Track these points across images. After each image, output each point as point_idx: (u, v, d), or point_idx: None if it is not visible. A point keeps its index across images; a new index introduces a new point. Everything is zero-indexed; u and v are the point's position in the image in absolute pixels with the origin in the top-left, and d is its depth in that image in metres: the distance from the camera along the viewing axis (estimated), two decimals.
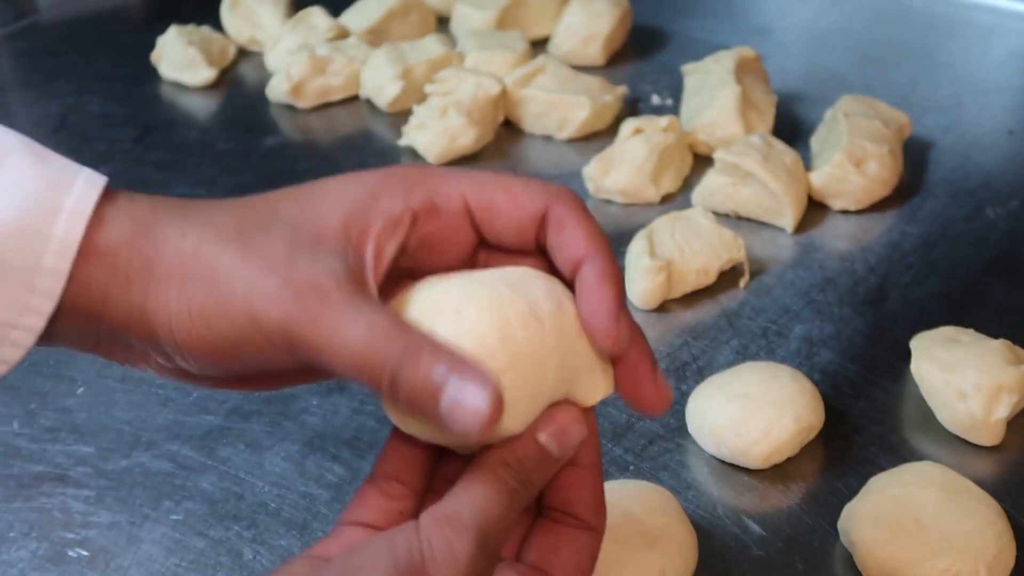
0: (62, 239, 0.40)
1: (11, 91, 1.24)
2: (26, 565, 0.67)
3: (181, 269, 0.41)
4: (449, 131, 1.03)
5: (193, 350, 0.41)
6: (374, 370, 0.38)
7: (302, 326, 0.39)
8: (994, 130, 1.10)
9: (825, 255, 0.92)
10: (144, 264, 0.42)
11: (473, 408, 0.37)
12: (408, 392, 0.38)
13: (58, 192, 0.41)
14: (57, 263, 0.41)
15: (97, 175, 0.43)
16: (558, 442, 0.41)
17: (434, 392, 0.38)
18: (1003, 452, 0.73)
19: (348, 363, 0.39)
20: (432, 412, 0.38)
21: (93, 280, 0.42)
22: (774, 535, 0.67)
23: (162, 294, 0.41)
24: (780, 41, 1.29)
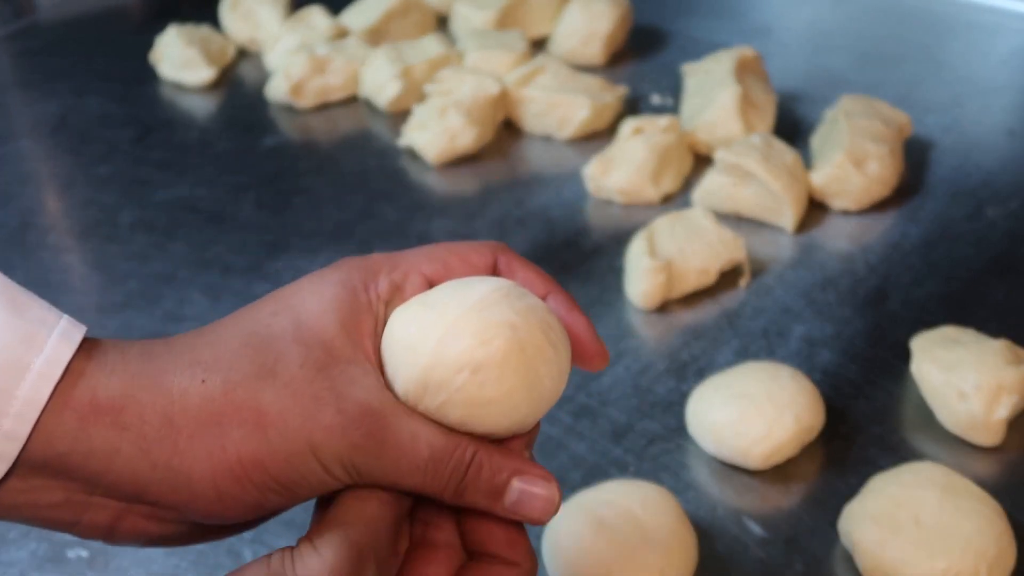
0: (26, 400, 0.37)
1: (11, 91, 1.24)
2: (26, 565, 0.66)
3: (216, 418, 0.39)
4: (449, 131, 1.03)
5: (237, 499, 0.39)
6: (440, 483, 0.41)
7: (369, 455, 0.40)
8: (994, 130, 1.10)
9: (825, 255, 0.92)
10: (162, 419, 0.39)
11: (545, 498, 0.42)
12: (473, 499, 0.42)
13: (29, 349, 0.37)
14: (16, 427, 0.37)
15: (75, 327, 0.39)
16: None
17: (499, 492, 0.42)
18: (1003, 452, 0.73)
19: (417, 483, 0.41)
20: (497, 508, 0.42)
21: (96, 441, 0.38)
22: (774, 535, 0.67)
23: (198, 447, 0.39)
24: (780, 41, 1.29)
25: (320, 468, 0.40)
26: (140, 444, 0.39)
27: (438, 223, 0.98)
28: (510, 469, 0.42)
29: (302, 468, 0.39)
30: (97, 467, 0.38)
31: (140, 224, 0.99)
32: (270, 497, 0.40)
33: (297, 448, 0.39)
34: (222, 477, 0.39)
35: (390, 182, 1.04)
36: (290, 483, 0.40)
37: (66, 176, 1.07)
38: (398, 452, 0.40)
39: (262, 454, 0.39)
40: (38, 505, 0.39)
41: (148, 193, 1.03)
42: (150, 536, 0.41)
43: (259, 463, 0.39)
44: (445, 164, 1.05)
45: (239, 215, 0.99)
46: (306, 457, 0.39)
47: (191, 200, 1.02)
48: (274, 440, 0.39)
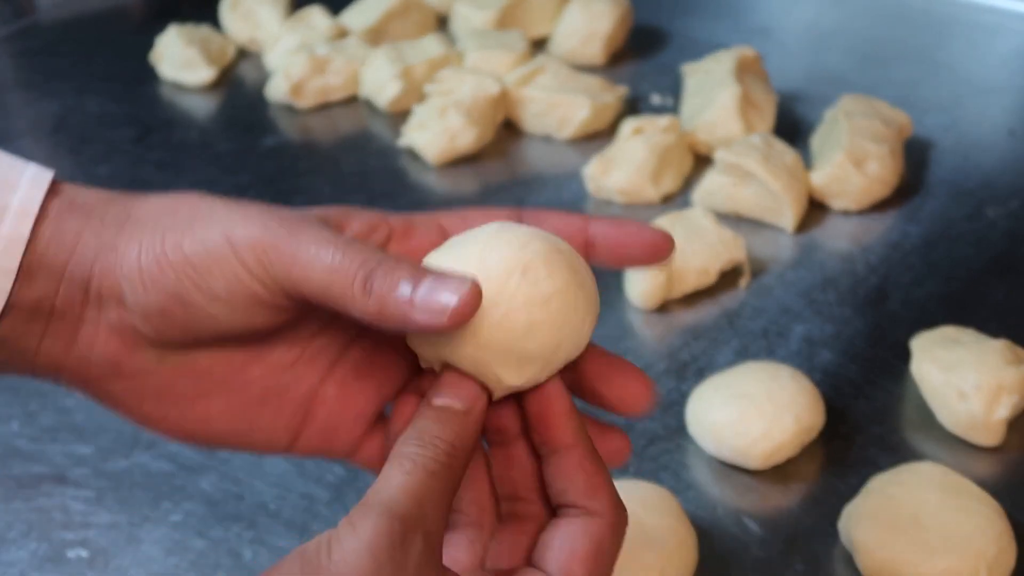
0: (9, 237, 0.40)
1: (11, 91, 1.24)
2: (26, 565, 0.66)
3: (161, 209, 0.42)
4: (449, 131, 1.03)
5: (157, 282, 0.40)
6: (347, 276, 0.38)
7: (279, 240, 0.39)
8: (994, 130, 1.10)
9: (825, 255, 0.92)
10: (122, 211, 0.42)
11: (447, 296, 0.37)
12: (380, 293, 0.38)
13: (3, 192, 0.41)
14: (5, 262, 0.40)
15: (44, 170, 0.42)
16: (458, 398, 0.40)
17: (416, 278, 0.38)
18: (1003, 452, 0.73)
19: (321, 272, 0.39)
20: (404, 309, 0.38)
21: (66, 228, 0.41)
22: (774, 535, 0.67)
23: (136, 230, 0.41)
24: (780, 41, 1.29)
25: (230, 250, 0.40)
26: (98, 228, 0.42)
27: None
28: (424, 268, 0.39)
29: (214, 252, 0.40)
30: (63, 256, 0.41)
31: None
32: (187, 287, 0.40)
33: (212, 234, 0.40)
34: (145, 256, 0.40)
35: (390, 182, 1.04)
36: (203, 268, 0.40)
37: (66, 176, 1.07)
38: (308, 241, 0.39)
39: (182, 238, 0.40)
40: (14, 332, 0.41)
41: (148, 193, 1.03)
42: (107, 353, 0.42)
43: (177, 245, 0.40)
44: (445, 164, 1.05)
45: None
46: (219, 240, 0.40)
47: None
48: (195, 228, 0.41)
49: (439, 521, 0.37)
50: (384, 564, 0.34)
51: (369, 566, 0.34)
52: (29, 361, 0.42)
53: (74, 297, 0.41)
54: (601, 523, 0.39)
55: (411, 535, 0.35)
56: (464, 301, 0.37)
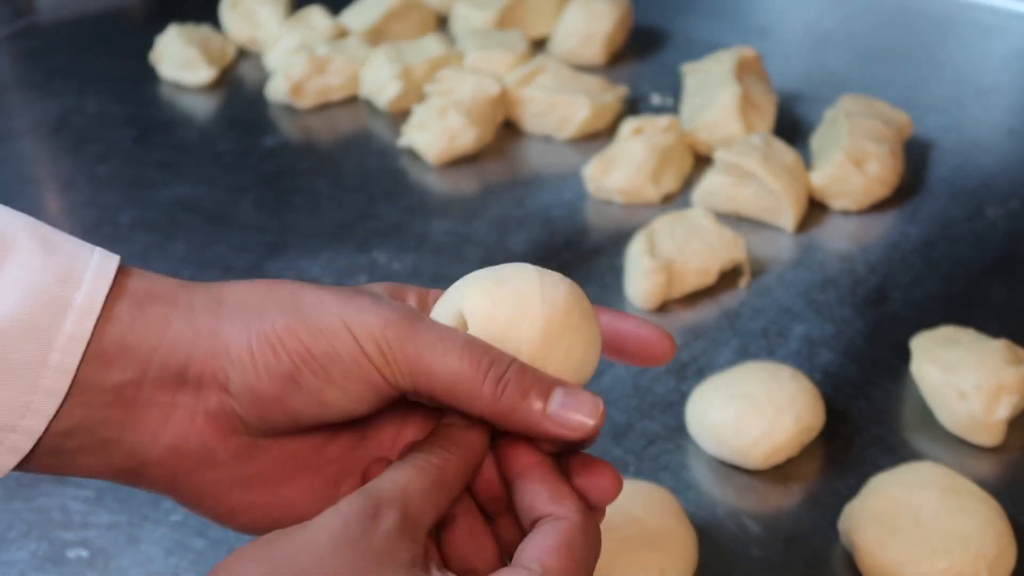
0: (70, 335, 0.39)
1: (11, 91, 1.24)
2: (26, 565, 0.66)
3: (258, 296, 0.42)
4: (449, 131, 1.03)
5: (272, 368, 0.40)
6: (475, 377, 0.40)
7: (401, 334, 0.40)
8: (994, 130, 1.10)
9: (825, 255, 0.92)
10: (210, 297, 0.42)
11: (582, 418, 0.40)
12: (511, 400, 0.40)
13: (66, 287, 0.39)
14: (64, 359, 0.39)
15: (109, 257, 0.41)
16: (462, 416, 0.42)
17: (546, 390, 0.41)
18: (1003, 452, 0.73)
19: (447, 370, 0.40)
20: (536, 419, 0.40)
21: (151, 315, 0.41)
22: (774, 535, 0.67)
23: (237, 316, 0.41)
24: (780, 41, 1.29)
25: (352, 339, 0.40)
26: (188, 317, 0.41)
27: (438, 223, 0.98)
28: (551, 378, 0.41)
29: (334, 339, 0.40)
30: (151, 341, 0.41)
31: (140, 224, 0.99)
32: (304, 373, 0.40)
33: (331, 322, 0.40)
34: (257, 342, 0.40)
35: (390, 182, 1.04)
36: (322, 355, 0.40)
37: (66, 176, 1.07)
38: (435, 334, 0.40)
39: (296, 324, 0.40)
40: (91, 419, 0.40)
41: (148, 193, 1.03)
42: (201, 441, 0.41)
43: (292, 331, 0.40)
44: (445, 164, 1.05)
45: (239, 215, 0.99)
46: (338, 328, 0.40)
47: (191, 200, 1.02)
48: (309, 315, 0.41)
49: (422, 508, 0.39)
50: (351, 529, 0.37)
51: (339, 529, 0.37)
52: (108, 454, 0.41)
53: (166, 383, 0.41)
54: (568, 523, 0.40)
55: (385, 510, 0.38)
56: (599, 423, 0.40)
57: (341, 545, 0.37)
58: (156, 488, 0.43)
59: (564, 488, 0.41)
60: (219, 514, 0.43)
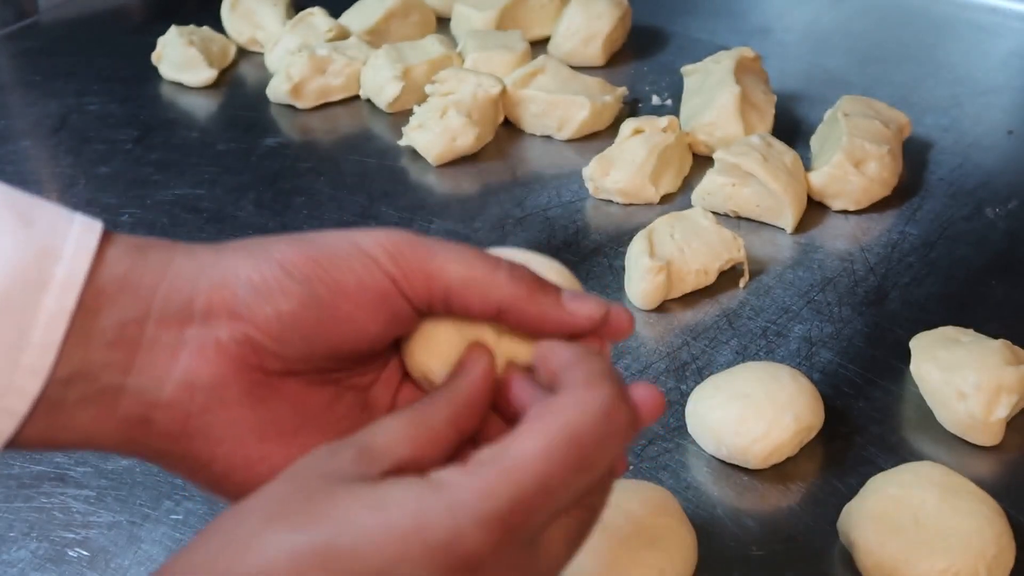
0: (51, 310, 0.38)
1: (11, 91, 1.24)
2: (26, 565, 0.67)
3: (260, 241, 0.42)
4: (449, 131, 1.04)
5: (283, 286, 0.40)
6: (490, 265, 0.41)
7: (411, 241, 0.41)
8: (994, 130, 1.10)
9: (825, 255, 0.92)
10: (208, 246, 0.42)
11: (597, 304, 0.41)
12: (529, 284, 0.41)
13: (45, 263, 0.38)
14: (46, 336, 0.38)
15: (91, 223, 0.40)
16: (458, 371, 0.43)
17: (555, 287, 0.42)
18: (1003, 452, 0.73)
19: (462, 262, 0.41)
20: (552, 296, 0.41)
21: (151, 257, 0.40)
22: (774, 535, 0.67)
23: (239, 252, 0.41)
24: (780, 41, 1.29)
25: (362, 253, 0.40)
26: (189, 255, 0.41)
27: (438, 223, 0.98)
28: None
29: (344, 255, 0.40)
30: (153, 279, 0.40)
31: (140, 224, 0.99)
32: (317, 288, 0.40)
33: (338, 242, 0.41)
34: (267, 265, 0.40)
35: (390, 182, 1.04)
36: (334, 269, 0.40)
37: (67, 176, 1.07)
38: (442, 241, 0.41)
39: (305, 247, 0.41)
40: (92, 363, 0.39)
41: (148, 193, 1.04)
42: (214, 375, 0.40)
43: (302, 252, 0.40)
44: (445, 164, 1.05)
45: (239, 215, 0.99)
46: (347, 246, 0.41)
47: (191, 200, 1.02)
48: (316, 239, 0.41)
49: (388, 442, 0.38)
50: (301, 462, 0.37)
51: (289, 469, 0.37)
52: (112, 402, 0.39)
53: (171, 320, 0.39)
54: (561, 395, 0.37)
55: (343, 447, 0.37)
56: (606, 315, 0.41)
57: (285, 477, 0.36)
58: (166, 440, 0.40)
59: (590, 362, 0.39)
60: (233, 467, 0.41)
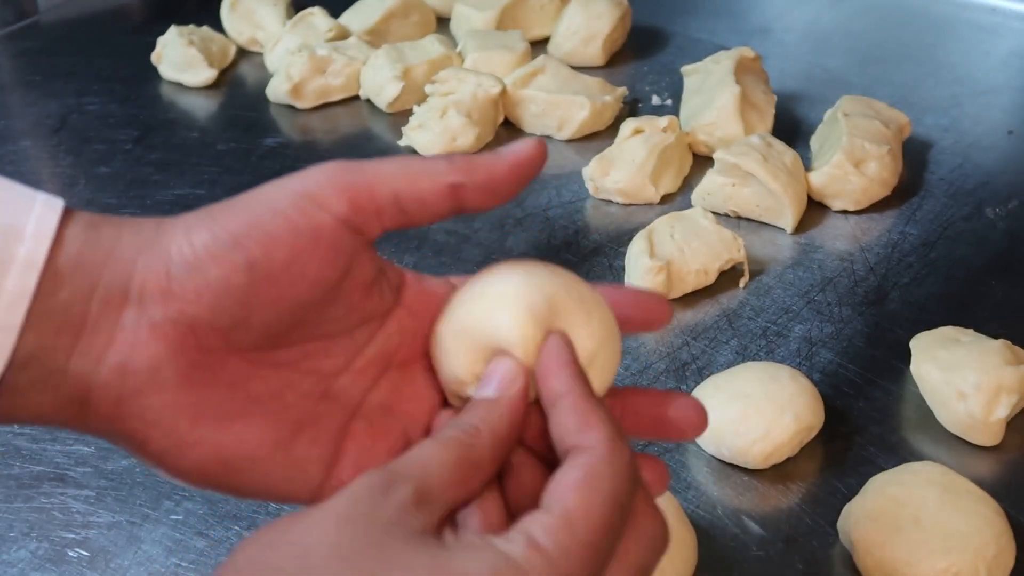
0: (12, 291, 0.37)
1: (11, 91, 1.24)
2: (26, 565, 0.67)
3: (201, 211, 0.41)
4: (449, 131, 1.04)
5: (212, 252, 0.39)
6: (427, 162, 0.41)
7: (340, 166, 0.41)
8: (994, 130, 1.10)
9: (825, 255, 0.92)
10: (154, 223, 0.41)
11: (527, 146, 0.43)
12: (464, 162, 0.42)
13: (6, 243, 0.38)
14: (7, 317, 0.37)
15: (53, 201, 0.39)
16: (489, 388, 0.41)
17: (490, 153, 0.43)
18: (1003, 452, 0.73)
19: (398, 167, 0.41)
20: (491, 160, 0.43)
21: (103, 234, 0.40)
22: (774, 535, 0.67)
23: (179, 223, 0.41)
24: (780, 41, 1.29)
25: (296, 196, 0.40)
26: (135, 231, 0.41)
27: (438, 223, 0.98)
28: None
29: (273, 201, 0.40)
30: (101, 256, 0.39)
31: None
32: (247, 244, 0.39)
33: (267, 190, 0.40)
34: (196, 233, 0.40)
35: None
36: (263, 220, 0.39)
37: (67, 176, 1.07)
38: (374, 159, 0.41)
39: (234, 205, 0.40)
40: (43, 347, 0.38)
41: (148, 193, 1.04)
42: (147, 356, 0.39)
43: (230, 210, 0.40)
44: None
45: None
46: (275, 191, 0.40)
47: (191, 200, 1.02)
48: (247, 195, 0.41)
49: (442, 483, 0.37)
50: (360, 503, 0.36)
51: (347, 505, 0.36)
52: (56, 385, 0.39)
53: (112, 301, 0.39)
54: (591, 454, 0.38)
55: (399, 484, 0.36)
56: (542, 145, 0.43)
57: (346, 520, 0.36)
58: (101, 421, 0.40)
59: (593, 416, 0.39)
60: (166, 449, 0.40)
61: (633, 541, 0.39)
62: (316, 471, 0.42)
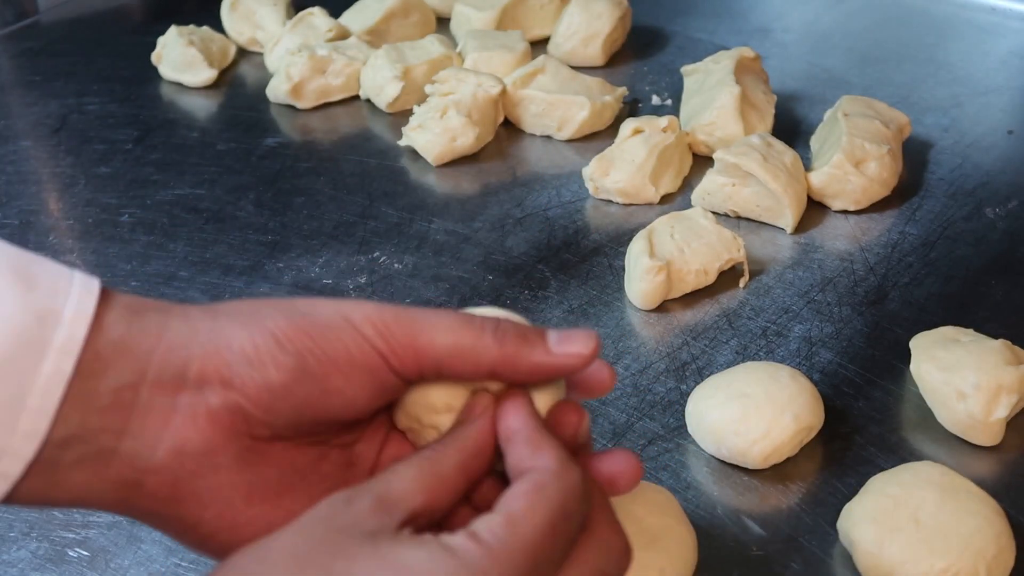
0: (49, 375, 0.38)
1: (11, 91, 1.24)
2: (26, 565, 0.67)
3: (254, 306, 0.42)
4: (449, 131, 1.04)
5: (275, 358, 0.41)
6: (475, 330, 0.42)
7: (397, 315, 0.42)
8: (994, 130, 1.10)
9: (824, 255, 0.92)
10: (203, 308, 0.42)
11: (581, 346, 0.43)
12: (514, 343, 0.42)
13: (45, 327, 0.38)
14: (43, 402, 0.38)
15: (89, 282, 0.40)
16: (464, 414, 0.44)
17: (542, 332, 0.43)
18: (1002, 452, 0.73)
19: (448, 331, 0.42)
20: (544, 350, 0.43)
21: (147, 320, 0.41)
22: (774, 535, 0.67)
23: (234, 318, 0.42)
24: (780, 41, 1.29)
25: (351, 327, 0.41)
26: (185, 319, 0.41)
27: (438, 223, 0.98)
28: (540, 328, 0.44)
29: (335, 328, 0.41)
30: (149, 342, 0.40)
31: (140, 224, 0.99)
32: (308, 361, 0.41)
33: (329, 314, 0.42)
34: (260, 336, 0.41)
35: (390, 182, 1.04)
36: (325, 342, 0.41)
37: (67, 176, 1.08)
38: (427, 311, 0.43)
39: (296, 319, 0.42)
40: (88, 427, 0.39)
41: (148, 193, 1.04)
42: (204, 441, 0.41)
43: (293, 324, 0.41)
44: (445, 164, 1.05)
45: (239, 215, 1.00)
46: (337, 319, 0.42)
47: (191, 200, 1.02)
48: (307, 310, 0.42)
49: (403, 491, 0.39)
50: (320, 511, 0.38)
51: (309, 515, 0.38)
52: (105, 465, 0.40)
53: (166, 385, 0.40)
54: (541, 470, 0.40)
55: (360, 495, 0.39)
56: (595, 350, 0.43)
57: (306, 525, 0.38)
58: (156, 503, 0.41)
59: (544, 442, 0.42)
60: (219, 530, 0.42)
61: (590, 549, 0.41)
62: None
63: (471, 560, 0.37)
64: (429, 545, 0.37)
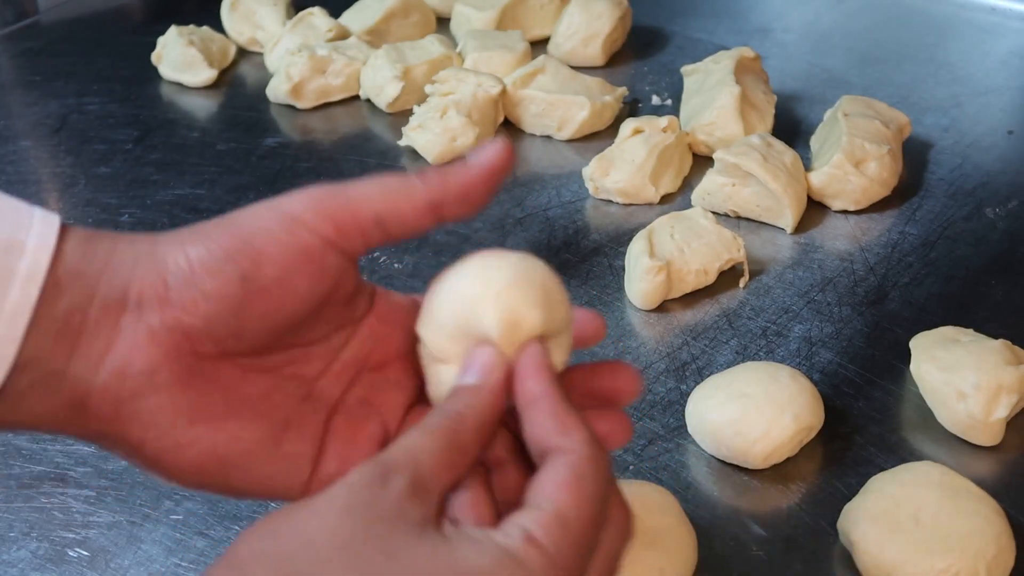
0: (16, 303, 0.39)
1: (11, 91, 1.24)
2: (26, 565, 0.67)
3: (193, 228, 0.43)
4: (449, 131, 1.04)
5: (207, 265, 0.41)
6: (402, 180, 0.43)
7: (324, 190, 0.42)
8: (993, 130, 1.10)
9: (824, 255, 0.92)
10: (148, 238, 0.43)
11: (495, 144, 0.46)
12: (436, 169, 0.44)
13: (10, 257, 0.39)
14: (9, 329, 0.39)
15: (50, 216, 0.41)
16: (471, 375, 0.43)
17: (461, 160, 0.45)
18: (1002, 452, 0.73)
19: (377, 189, 0.43)
20: (459, 167, 0.45)
21: (99, 246, 0.41)
22: (774, 535, 0.68)
23: (174, 237, 0.42)
24: (780, 41, 1.29)
25: (283, 217, 0.42)
26: (130, 244, 0.42)
27: None
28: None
29: (264, 222, 0.42)
30: (98, 266, 0.41)
31: (140, 224, 0.99)
32: (241, 260, 0.41)
33: (258, 211, 0.42)
34: (192, 247, 0.41)
35: None
36: (254, 238, 0.41)
37: (67, 176, 1.08)
38: (356, 180, 0.43)
39: (227, 225, 0.42)
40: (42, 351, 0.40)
41: (148, 193, 1.04)
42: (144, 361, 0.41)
43: (224, 229, 0.42)
44: (445, 164, 1.05)
45: None
46: (265, 213, 0.42)
47: (191, 200, 1.02)
48: (238, 216, 0.42)
49: (434, 470, 0.39)
50: (359, 495, 0.38)
51: (346, 497, 0.38)
52: (54, 389, 0.40)
53: (110, 308, 0.41)
54: (575, 455, 0.40)
55: (393, 475, 0.38)
56: (508, 145, 0.45)
57: (348, 511, 0.37)
58: (99, 423, 0.41)
59: (571, 419, 0.41)
60: (164, 450, 0.42)
61: (609, 533, 0.41)
62: (304, 466, 0.45)
63: (536, 568, 0.37)
64: (488, 545, 0.37)
